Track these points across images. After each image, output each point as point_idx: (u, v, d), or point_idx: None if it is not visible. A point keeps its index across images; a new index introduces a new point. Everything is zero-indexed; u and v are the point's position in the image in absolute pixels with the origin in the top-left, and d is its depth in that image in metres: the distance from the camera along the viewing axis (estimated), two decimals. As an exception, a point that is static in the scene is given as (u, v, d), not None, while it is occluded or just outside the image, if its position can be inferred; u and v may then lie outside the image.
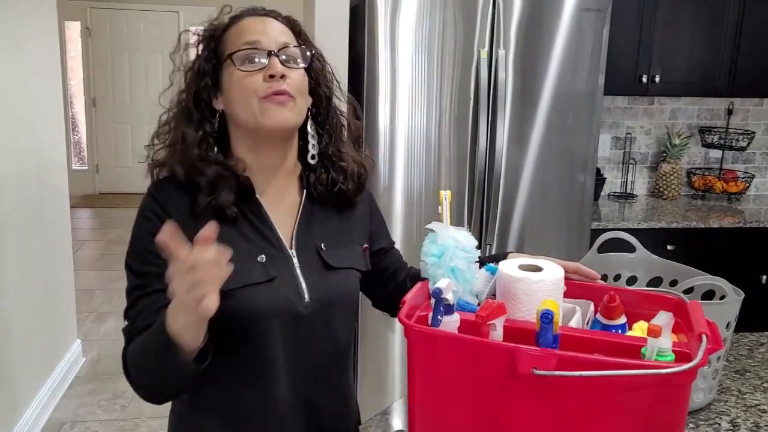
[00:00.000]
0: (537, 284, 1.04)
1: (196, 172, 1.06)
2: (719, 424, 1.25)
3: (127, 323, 1.06)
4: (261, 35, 1.08)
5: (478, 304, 1.09)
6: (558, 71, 2.53)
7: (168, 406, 1.18)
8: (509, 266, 1.09)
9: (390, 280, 1.32)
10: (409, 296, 1.04)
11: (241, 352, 1.08)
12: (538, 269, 1.09)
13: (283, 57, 1.08)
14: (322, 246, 1.15)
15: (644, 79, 3.05)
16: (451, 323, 0.98)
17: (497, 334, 0.96)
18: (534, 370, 0.87)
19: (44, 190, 3.03)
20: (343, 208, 1.20)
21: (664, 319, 0.94)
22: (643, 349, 0.92)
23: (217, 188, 1.06)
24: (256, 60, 1.07)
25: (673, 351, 0.91)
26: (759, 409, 1.31)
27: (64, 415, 3.01)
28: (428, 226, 1.13)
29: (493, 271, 1.13)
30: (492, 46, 2.47)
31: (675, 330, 1.01)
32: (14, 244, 2.65)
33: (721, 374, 1.35)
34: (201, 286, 0.84)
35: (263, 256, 1.08)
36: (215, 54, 1.11)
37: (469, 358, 0.93)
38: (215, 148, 1.10)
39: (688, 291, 1.29)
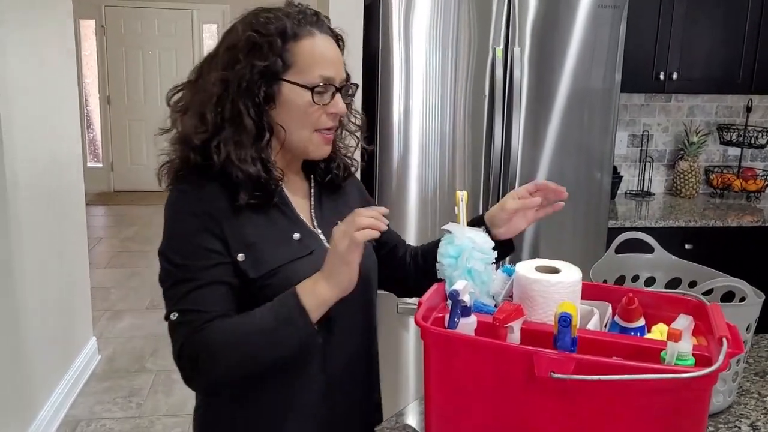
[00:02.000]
0: (554, 286, 1.03)
1: (238, 169, 1.08)
2: (739, 428, 1.24)
3: (177, 316, 1.06)
4: (334, 69, 1.12)
5: (495, 306, 1.08)
6: (574, 69, 2.51)
7: (183, 404, 1.19)
8: (526, 268, 1.09)
9: (391, 256, 1.37)
10: (426, 298, 1.04)
11: None
12: (555, 271, 1.08)
13: (344, 91, 1.15)
14: (338, 222, 1.17)
15: (662, 76, 3.02)
16: (468, 325, 0.97)
17: (515, 336, 0.95)
18: (552, 373, 0.87)
19: (60, 187, 3.05)
20: (339, 192, 1.28)
21: (684, 322, 0.92)
22: (662, 353, 0.91)
23: (257, 188, 1.09)
24: (325, 95, 1.11)
25: (693, 355, 0.90)
26: (780, 413, 1.29)
27: (80, 413, 3.03)
28: (445, 227, 1.13)
29: (510, 273, 1.12)
30: (507, 43, 2.45)
31: (695, 333, 0.99)
32: (30, 242, 2.67)
33: (741, 377, 1.33)
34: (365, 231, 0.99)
35: (297, 234, 1.15)
36: (282, 58, 1.08)
37: (486, 361, 0.93)
38: (263, 147, 1.11)
39: (708, 292, 1.27)
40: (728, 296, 1.35)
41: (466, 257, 1.08)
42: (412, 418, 1.25)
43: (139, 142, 7.73)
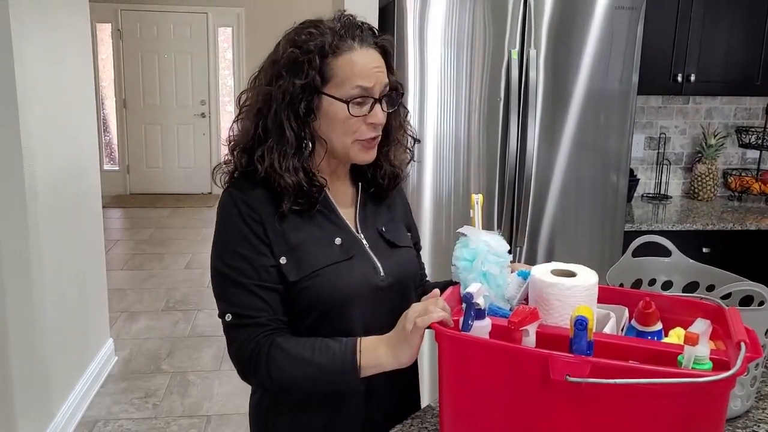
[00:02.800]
0: (570, 290, 1.03)
1: (279, 177, 1.12)
2: (758, 433, 1.22)
3: (231, 318, 1.12)
4: (372, 80, 1.12)
5: (510, 310, 1.08)
6: (590, 71, 2.50)
7: (198, 405, 1.20)
8: (542, 271, 1.08)
9: (420, 277, 1.39)
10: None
11: (322, 333, 1.13)
12: (571, 274, 1.07)
13: (385, 101, 1.15)
14: (383, 228, 1.25)
15: (679, 78, 2.99)
16: (482, 328, 0.97)
17: (530, 340, 0.95)
18: (567, 377, 0.86)
19: (77, 190, 3.08)
20: (385, 201, 1.30)
21: (701, 326, 0.92)
22: (679, 357, 0.90)
23: (300, 196, 1.13)
24: (364, 106, 1.13)
25: (711, 359, 0.89)
26: (800, 418, 1.27)
27: (97, 413, 3.05)
28: (460, 230, 1.13)
29: (525, 276, 1.12)
30: (523, 45, 2.45)
31: (712, 337, 0.99)
32: (48, 244, 2.70)
33: (759, 381, 1.32)
34: (432, 314, 0.99)
35: (339, 239, 1.18)
36: (320, 73, 1.11)
37: (501, 364, 0.92)
38: (305, 156, 1.15)
39: (726, 297, 1.26)
40: (746, 300, 1.34)
41: (481, 260, 1.08)
42: (427, 422, 1.25)
43: (154, 145, 7.79)
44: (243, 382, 1.15)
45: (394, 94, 1.19)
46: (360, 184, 1.27)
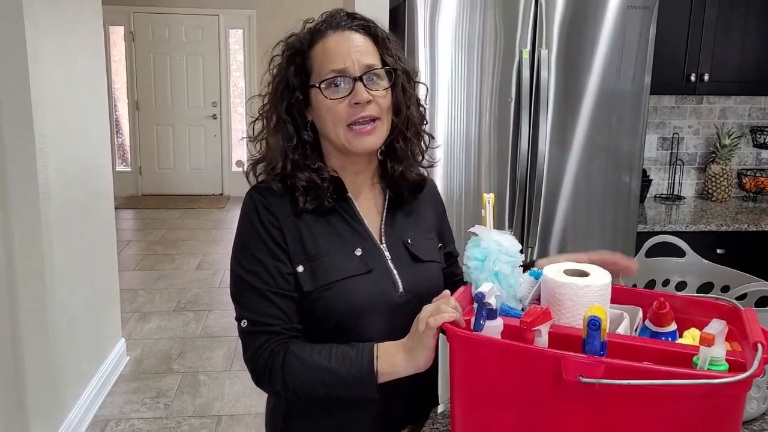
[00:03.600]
0: (583, 290, 1.02)
1: (291, 178, 1.13)
2: (774, 436, 1.21)
3: (247, 324, 1.11)
4: (347, 59, 1.10)
5: (522, 310, 1.07)
6: (602, 70, 2.48)
7: (209, 405, 1.20)
8: (554, 271, 1.07)
9: (457, 286, 1.34)
10: (451, 300, 1.03)
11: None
12: (584, 274, 1.06)
13: (368, 79, 1.11)
14: (409, 241, 1.21)
15: (693, 78, 2.97)
16: (494, 328, 0.96)
17: (542, 340, 0.94)
18: (581, 377, 0.85)
19: (90, 191, 3.10)
20: (415, 208, 1.27)
21: (717, 327, 0.90)
22: (695, 358, 0.89)
23: (311, 191, 1.13)
24: (342, 86, 1.11)
25: (727, 360, 0.88)
26: (817, 421, 1.25)
27: (109, 413, 3.07)
28: (471, 229, 1.12)
29: (537, 276, 1.11)
30: (534, 45, 2.43)
31: (728, 338, 0.97)
32: (61, 244, 2.71)
33: (775, 384, 1.30)
34: (444, 314, 0.97)
35: (360, 249, 1.15)
36: (303, 70, 1.14)
37: (513, 364, 0.91)
38: (309, 154, 1.16)
39: (741, 297, 1.25)
40: (762, 302, 1.32)
41: (493, 260, 1.07)
42: (438, 423, 1.24)
43: (166, 147, 7.82)
44: (253, 383, 1.15)
45: (383, 72, 1.13)
46: (388, 191, 1.24)
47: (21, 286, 2.52)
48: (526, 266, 1.17)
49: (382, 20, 2.45)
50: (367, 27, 1.15)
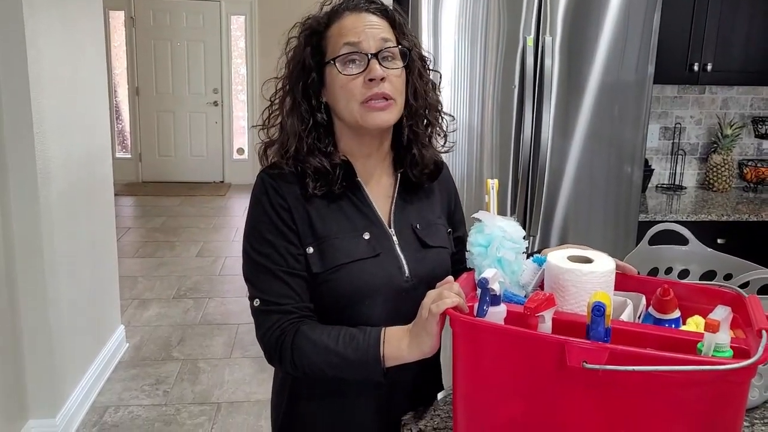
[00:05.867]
0: (587, 276, 1.01)
1: (302, 163, 1.14)
2: (775, 425, 1.20)
3: (260, 303, 1.13)
4: (361, 35, 1.11)
5: (525, 296, 1.06)
6: (606, 59, 2.47)
7: (209, 393, 1.20)
8: (558, 257, 1.06)
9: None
10: (455, 286, 1.02)
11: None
12: (588, 261, 1.06)
13: (383, 57, 1.11)
14: (417, 226, 1.22)
15: (695, 68, 2.95)
16: (497, 314, 0.96)
17: (546, 326, 0.94)
18: (584, 363, 0.85)
19: (89, 177, 3.09)
20: (425, 192, 1.26)
21: (722, 313, 0.90)
22: (699, 345, 0.88)
23: (322, 177, 1.13)
24: (357, 62, 1.11)
25: (731, 347, 0.87)
26: (818, 410, 1.25)
27: (108, 399, 3.07)
28: (475, 215, 1.11)
29: (540, 263, 1.10)
30: (538, 32, 2.42)
31: (732, 326, 0.97)
32: (60, 231, 2.71)
33: (777, 372, 1.30)
34: (447, 300, 0.97)
35: (368, 233, 1.15)
36: (318, 50, 1.15)
37: (516, 350, 0.91)
38: (322, 137, 1.16)
39: (744, 285, 1.24)
40: (764, 290, 1.32)
41: (497, 246, 1.06)
42: (440, 409, 1.24)
43: (167, 133, 7.80)
44: (253, 370, 1.15)
45: (398, 50, 1.14)
46: (399, 174, 1.23)
47: (20, 273, 2.52)
48: (529, 254, 1.17)
49: (386, 6, 2.44)
50: (384, 10, 1.16)
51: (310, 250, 1.12)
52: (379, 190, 1.22)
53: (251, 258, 1.14)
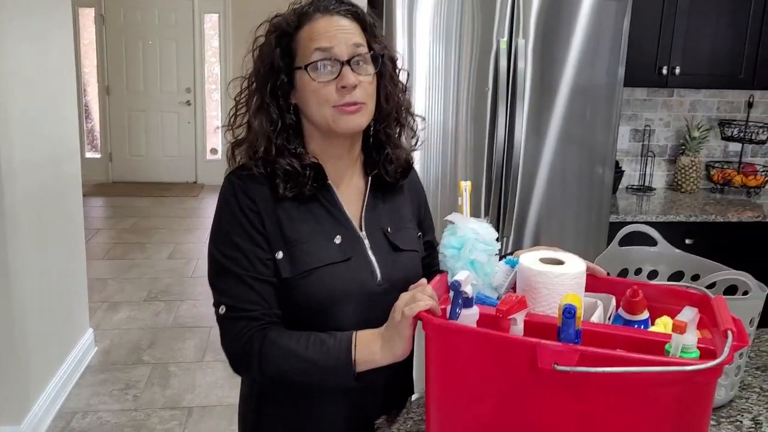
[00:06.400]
0: (558, 278, 1.02)
1: (271, 164, 1.11)
2: (741, 422, 1.23)
3: (225, 310, 1.10)
4: (333, 40, 1.09)
5: (498, 298, 1.07)
6: (578, 61, 2.49)
7: (180, 397, 1.18)
8: (530, 259, 1.07)
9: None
10: (428, 289, 1.02)
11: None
12: (559, 263, 1.07)
13: (355, 63, 1.10)
14: (388, 229, 1.21)
15: (664, 71, 3.00)
16: (470, 317, 0.96)
17: (518, 329, 0.94)
18: (555, 365, 0.85)
19: (57, 178, 3.03)
20: (396, 196, 1.26)
21: (689, 314, 0.91)
22: (667, 346, 0.90)
23: (292, 178, 1.11)
24: (329, 68, 1.09)
25: (698, 347, 0.89)
26: (782, 408, 1.28)
27: (75, 405, 3.01)
28: (448, 217, 1.11)
29: (513, 265, 1.11)
30: (511, 35, 2.43)
31: (698, 326, 0.98)
32: (27, 232, 2.65)
33: (743, 371, 1.32)
34: (420, 302, 0.97)
35: (339, 237, 1.14)
36: (288, 52, 1.13)
37: (488, 352, 0.91)
38: (291, 138, 1.14)
39: (711, 286, 1.26)
40: (730, 290, 1.34)
41: (469, 248, 1.07)
42: (413, 412, 1.24)
43: (138, 133, 7.69)
44: (225, 373, 1.13)
45: (370, 56, 1.13)
46: (370, 178, 1.22)
47: (-14, 274, 2.47)
48: (502, 256, 1.17)
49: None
50: (355, 13, 1.15)
51: (280, 255, 1.10)
52: (350, 192, 1.20)
53: (218, 262, 1.11)
